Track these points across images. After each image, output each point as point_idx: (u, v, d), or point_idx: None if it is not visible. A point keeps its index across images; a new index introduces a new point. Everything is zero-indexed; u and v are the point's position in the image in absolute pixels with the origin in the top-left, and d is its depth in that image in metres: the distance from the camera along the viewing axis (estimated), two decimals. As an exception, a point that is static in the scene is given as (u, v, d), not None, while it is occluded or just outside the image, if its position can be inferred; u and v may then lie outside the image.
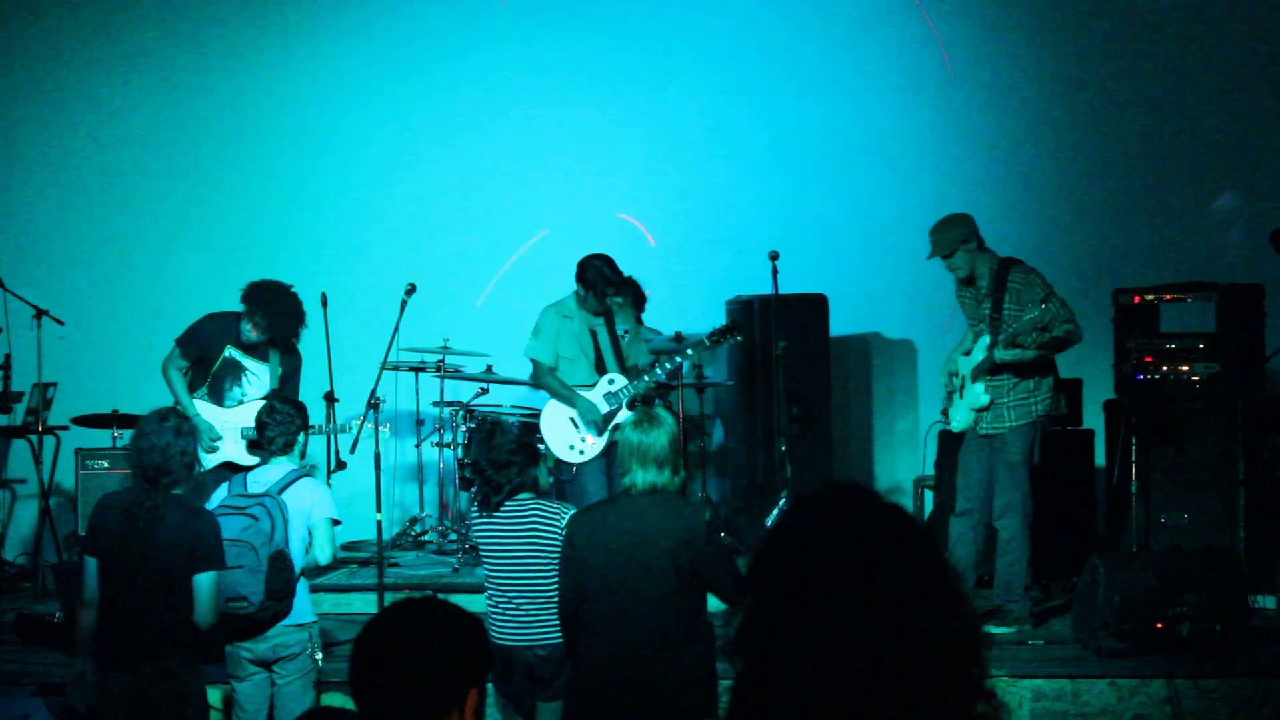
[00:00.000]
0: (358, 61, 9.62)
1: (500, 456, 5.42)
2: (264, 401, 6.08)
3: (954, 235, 6.88)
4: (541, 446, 7.49)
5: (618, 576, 4.90)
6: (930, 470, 8.25)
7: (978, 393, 6.92)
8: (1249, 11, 9.28)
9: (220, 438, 7.08)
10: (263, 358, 7.18)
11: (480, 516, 5.52)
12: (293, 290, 7.14)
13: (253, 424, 6.02)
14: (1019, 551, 6.89)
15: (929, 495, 8.33)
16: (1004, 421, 6.91)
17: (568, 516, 5.38)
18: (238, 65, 9.60)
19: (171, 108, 9.60)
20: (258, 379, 7.17)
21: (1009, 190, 9.28)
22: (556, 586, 5.33)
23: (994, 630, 6.74)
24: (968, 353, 7.08)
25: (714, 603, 5.21)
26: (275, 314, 7.04)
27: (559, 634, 5.31)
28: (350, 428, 7.28)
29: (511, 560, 5.42)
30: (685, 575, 4.93)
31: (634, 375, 7.40)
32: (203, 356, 7.17)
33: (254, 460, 6.59)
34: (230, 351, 7.15)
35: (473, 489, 5.68)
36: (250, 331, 7.05)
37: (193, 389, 7.16)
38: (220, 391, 7.17)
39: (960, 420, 7.05)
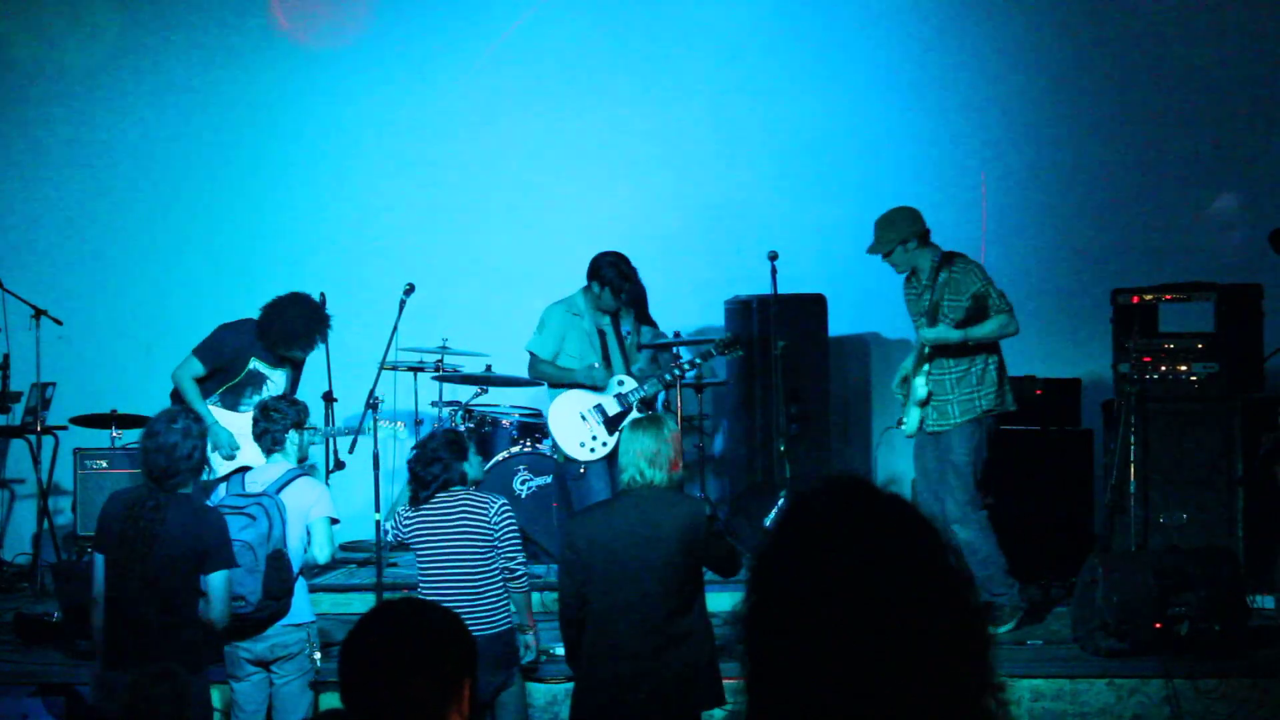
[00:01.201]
0: (357, 62, 9.61)
1: (426, 455, 5.57)
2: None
3: (893, 235, 6.92)
4: (546, 443, 7.52)
5: (622, 575, 4.91)
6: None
7: (917, 385, 6.90)
8: (1249, 12, 9.28)
9: (239, 447, 7.04)
10: (282, 365, 7.17)
11: (409, 512, 5.61)
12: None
13: None
14: (985, 550, 6.79)
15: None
16: (948, 419, 6.86)
17: (496, 505, 5.54)
18: (237, 67, 9.58)
19: (171, 109, 9.58)
20: (276, 385, 7.15)
21: (1009, 190, 9.26)
22: (487, 576, 5.41)
23: (992, 630, 6.72)
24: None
25: (715, 603, 5.23)
26: (324, 331, 7.12)
27: (492, 624, 5.41)
28: (350, 430, 7.25)
29: (442, 551, 5.53)
30: (689, 568, 4.96)
31: (642, 378, 7.44)
32: (221, 369, 7.14)
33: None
34: (255, 364, 7.10)
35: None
36: (306, 350, 7.07)
37: (204, 395, 7.12)
38: (238, 398, 7.14)
39: (910, 422, 7.02)
